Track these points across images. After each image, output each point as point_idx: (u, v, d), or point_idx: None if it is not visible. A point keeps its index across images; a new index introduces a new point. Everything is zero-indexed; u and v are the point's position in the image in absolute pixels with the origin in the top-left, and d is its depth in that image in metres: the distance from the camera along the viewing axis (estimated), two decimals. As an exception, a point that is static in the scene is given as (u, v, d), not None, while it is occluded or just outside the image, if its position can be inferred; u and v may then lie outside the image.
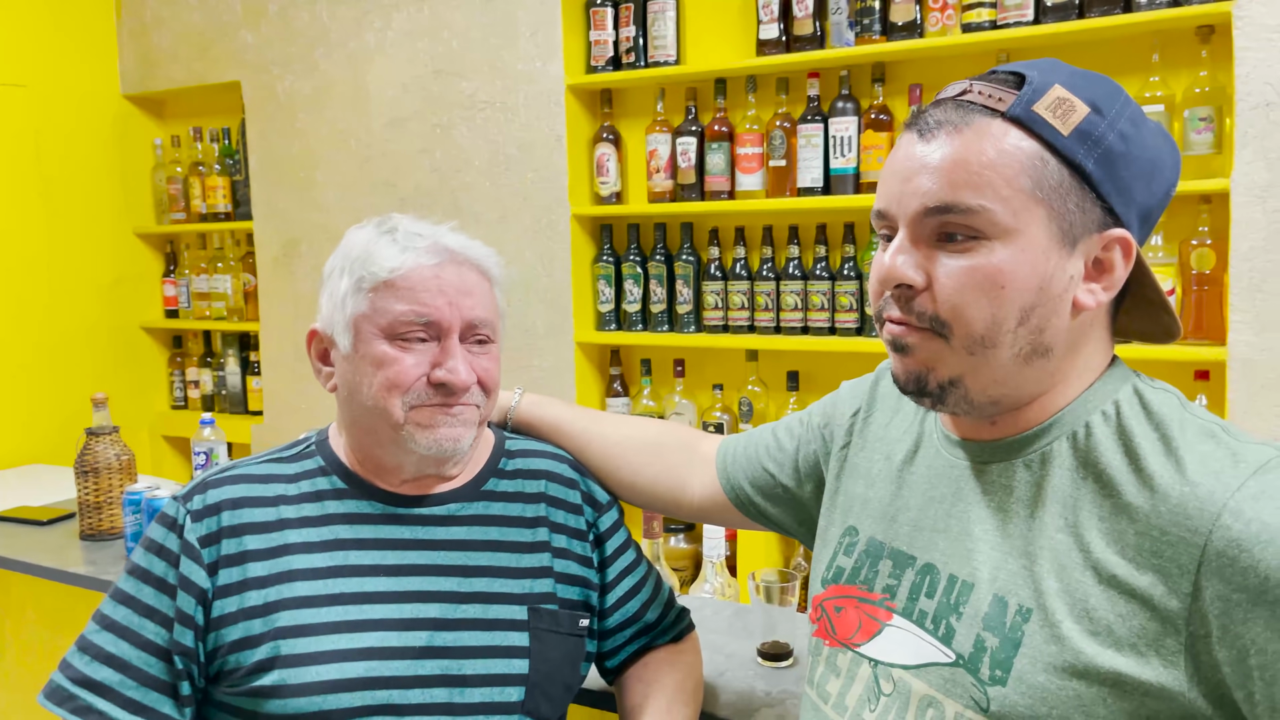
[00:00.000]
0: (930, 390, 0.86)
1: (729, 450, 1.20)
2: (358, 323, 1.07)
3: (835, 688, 0.96)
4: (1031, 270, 0.81)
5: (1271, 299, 2.06)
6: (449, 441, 1.07)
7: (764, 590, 1.42)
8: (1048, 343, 0.83)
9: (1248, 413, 2.10)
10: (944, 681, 0.85)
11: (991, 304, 0.81)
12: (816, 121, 2.55)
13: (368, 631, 1.03)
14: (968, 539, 0.88)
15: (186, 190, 3.67)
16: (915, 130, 0.85)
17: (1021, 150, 0.80)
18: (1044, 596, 0.81)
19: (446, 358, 1.06)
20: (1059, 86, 0.82)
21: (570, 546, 1.16)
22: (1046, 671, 0.79)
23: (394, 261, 1.05)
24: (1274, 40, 2.03)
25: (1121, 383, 0.87)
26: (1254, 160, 2.06)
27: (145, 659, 1.02)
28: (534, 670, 1.08)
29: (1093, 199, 0.81)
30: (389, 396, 1.05)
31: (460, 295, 1.07)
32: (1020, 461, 0.87)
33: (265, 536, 1.06)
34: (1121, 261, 0.83)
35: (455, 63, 3.00)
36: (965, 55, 2.45)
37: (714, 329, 2.75)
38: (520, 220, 2.94)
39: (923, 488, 0.95)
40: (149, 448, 3.83)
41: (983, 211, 0.80)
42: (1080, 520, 0.81)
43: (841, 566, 1.00)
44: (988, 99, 0.82)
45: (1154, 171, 0.83)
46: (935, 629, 0.87)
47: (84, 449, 2.00)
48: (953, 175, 0.81)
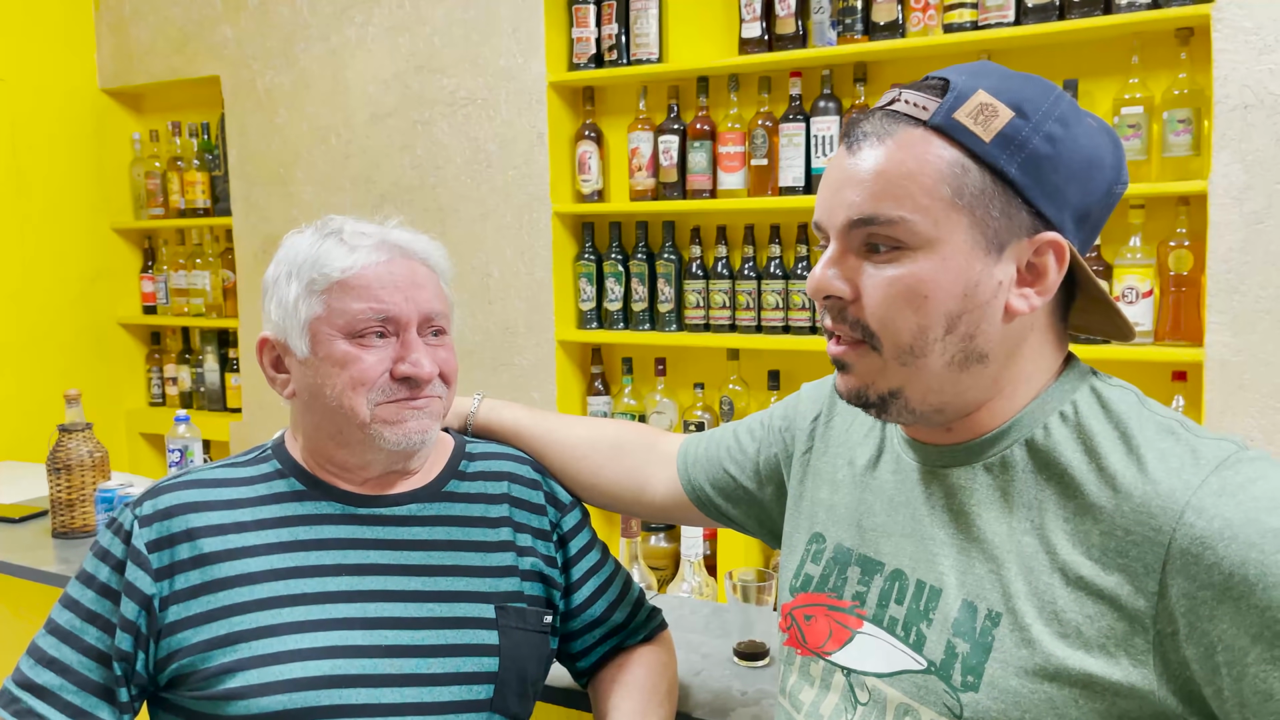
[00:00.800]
0: (872, 402, 0.87)
1: (690, 450, 1.20)
2: (314, 326, 1.06)
3: (809, 697, 0.95)
4: (955, 278, 0.81)
5: (1248, 301, 2.08)
6: (417, 434, 1.08)
7: (741, 590, 1.41)
8: (981, 349, 0.83)
9: (1224, 413, 2.11)
10: (917, 689, 0.85)
11: (916, 314, 0.81)
12: (798, 121, 2.55)
13: (331, 630, 1.03)
14: (933, 543, 0.88)
15: (165, 185, 3.64)
16: (845, 142, 0.86)
17: (942, 159, 0.80)
18: (1012, 600, 0.81)
19: (408, 351, 1.07)
20: (983, 92, 0.81)
21: (535, 546, 1.16)
22: (1018, 675, 0.79)
23: (345, 261, 1.05)
24: (1252, 43, 2.04)
25: (1079, 382, 0.87)
26: (1232, 162, 2.07)
27: (85, 664, 1.02)
28: (504, 668, 1.07)
29: (1019, 204, 0.80)
30: (354, 395, 1.05)
31: (414, 289, 1.07)
32: (981, 465, 0.87)
33: (222, 539, 1.05)
34: (1054, 265, 0.82)
35: (436, 58, 2.98)
36: (947, 55, 2.45)
37: (695, 328, 2.74)
38: (501, 218, 2.93)
39: (887, 492, 0.94)
40: (126, 445, 3.80)
41: (902, 222, 0.81)
42: (1045, 522, 0.81)
43: (810, 574, 0.99)
44: (912, 108, 0.82)
45: (1089, 171, 0.82)
46: (906, 636, 0.87)
47: (56, 445, 1.98)
48: (874, 187, 0.81)
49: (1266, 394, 2.07)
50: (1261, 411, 2.08)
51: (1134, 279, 2.23)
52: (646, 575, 1.71)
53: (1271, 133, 2.03)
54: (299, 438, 1.13)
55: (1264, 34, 2.03)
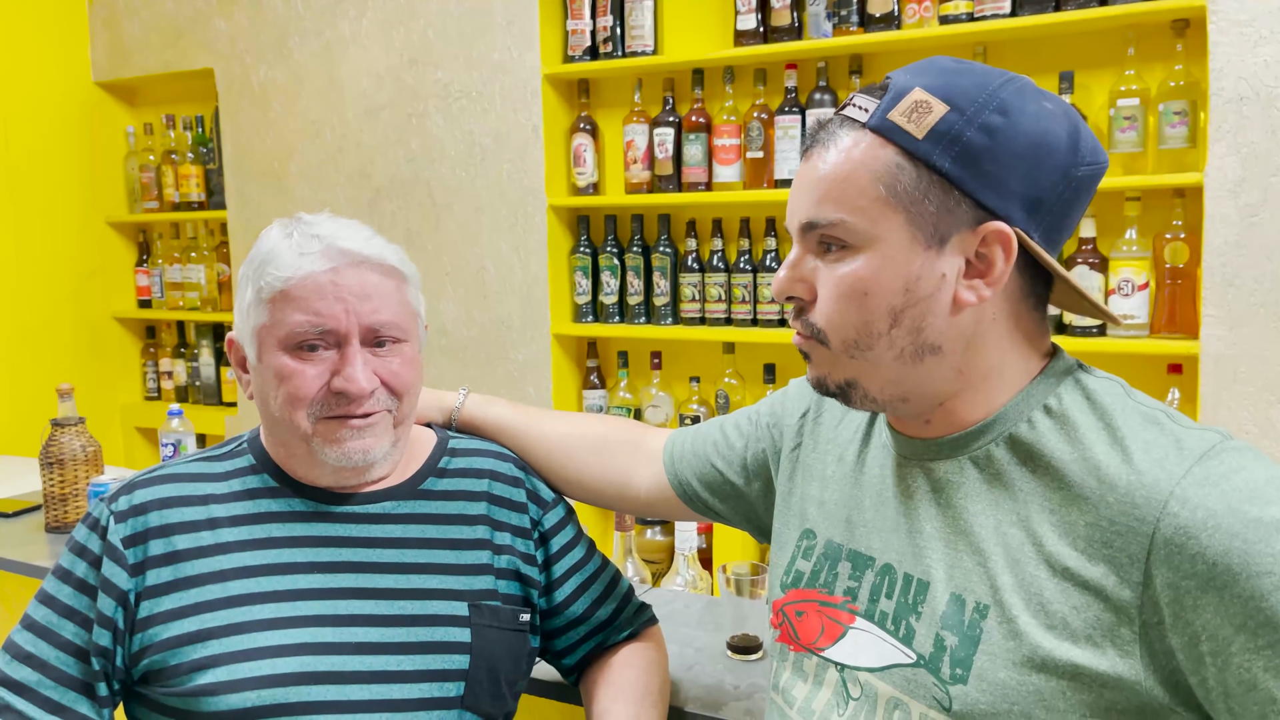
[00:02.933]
0: (832, 391, 0.90)
1: (677, 445, 1.20)
2: (260, 334, 1.05)
3: (802, 692, 0.95)
4: (894, 274, 0.82)
5: (1243, 294, 2.07)
6: (357, 454, 1.06)
7: (734, 583, 1.41)
8: (932, 341, 0.84)
9: (1218, 407, 2.11)
10: (907, 682, 0.85)
11: (859, 310, 0.84)
12: (794, 113, 2.54)
13: (303, 628, 1.02)
14: (920, 537, 0.88)
15: (159, 179, 3.63)
16: (803, 150, 0.89)
17: (877, 159, 0.82)
18: (1000, 592, 0.81)
19: (344, 365, 1.04)
20: (919, 90, 0.82)
21: (513, 544, 1.15)
22: (1006, 668, 0.79)
23: (287, 270, 1.03)
24: (1247, 35, 2.03)
25: (1064, 375, 0.87)
26: (1227, 155, 2.07)
27: (63, 659, 1.02)
28: (474, 665, 1.07)
29: (958, 196, 0.81)
30: (293, 410, 1.04)
31: (359, 300, 1.04)
32: (967, 458, 0.87)
33: (196, 536, 1.05)
34: (1001, 256, 0.82)
35: (430, 52, 2.97)
36: (942, 48, 2.45)
37: (691, 321, 2.74)
38: (496, 211, 2.92)
39: (875, 487, 0.95)
40: (122, 439, 3.79)
41: (840, 224, 0.83)
42: (1031, 514, 0.82)
43: (800, 570, 0.99)
44: (856, 111, 0.85)
45: (1035, 157, 0.81)
46: (896, 630, 0.87)
47: (49, 440, 1.97)
48: (816, 192, 0.85)
49: (1261, 387, 2.07)
50: (1256, 405, 2.08)
51: (1130, 271, 2.22)
52: (641, 569, 1.70)
53: (1266, 125, 2.03)
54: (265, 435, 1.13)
55: (1259, 26, 2.02)
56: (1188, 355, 2.17)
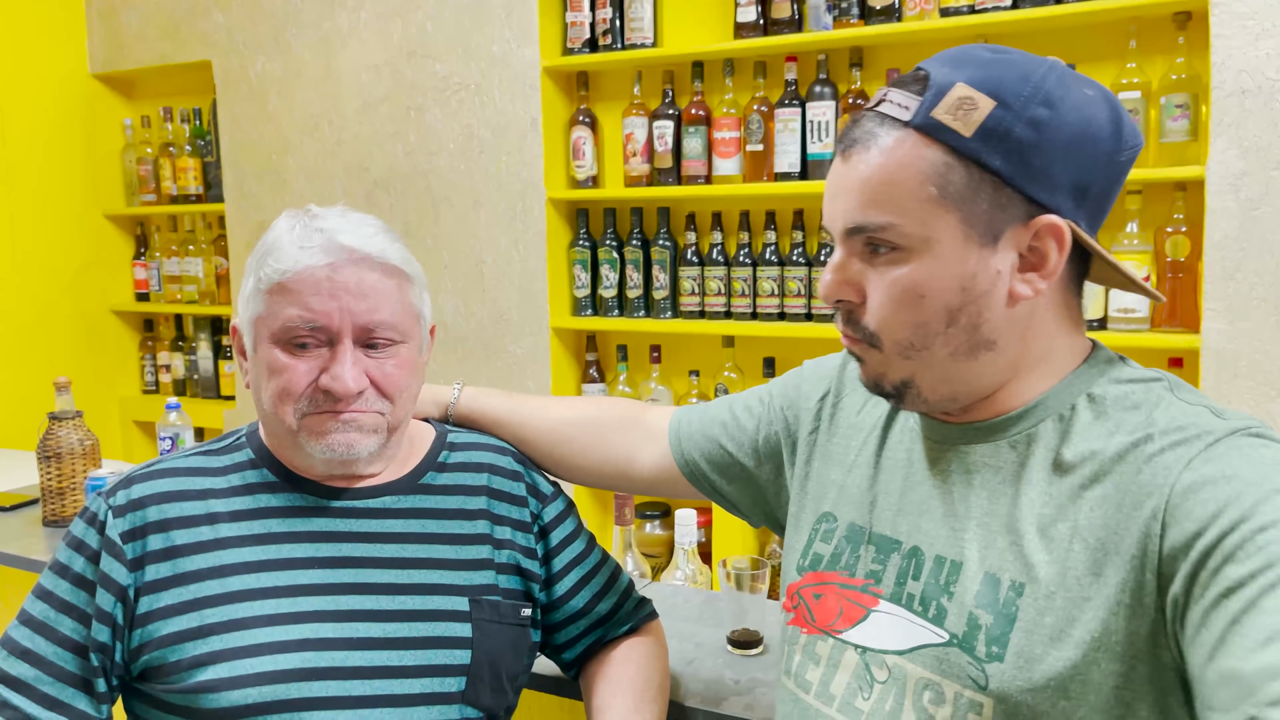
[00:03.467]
0: (889, 393, 0.90)
1: (683, 423, 1.19)
2: (256, 325, 1.04)
3: (816, 676, 0.95)
4: (950, 275, 0.82)
5: (1244, 287, 2.07)
6: (341, 448, 1.04)
7: (734, 577, 1.40)
8: (988, 337, 0.84)
9: (1219, 400, 2.08)
10: (938, 662, 0.85)
11: (914, 313, 0.83)
12: (794, 106, 2.53)
13: (303, 623, 1.02)
14: (954, 519, 0.88)
15: (157, 172, 3.62)
16: (839, 149, 0.87)
17: (925, 160, 0.81)
18: (1034, 569, 0.81)
19: (333, 364, 1.02)
20: (961, 85, 0.80)
21: (514, 538, 1.14)
22: (1043, 643, 0.80)
23: (285, 263, 1.01)
24: (1249, 28, 2.02)
25: (1106, 367, 0.87)
26: (1228, 148, 2.06)
27: (61, 654, 1.01)
28: (475, 661, 1.07)
29: (1010, 192, 0.80)
30: (281, 404, 1.03)
31: (355, 298, 1.02)
32: (1005, 442, 0.87)
33: (195, 531, 1.04)
34: (1054, 249, 0.82)
35: (428, 45, 2.96)
36: (943, 40, 2.44)
37: (690, 315, 2.73)
38: (494, 204, 2.91)
39: (903, 471, 0.94)
40: (120, 432, 3.79)
41: (891, 227, 0.82)
42: (1064, 493, 0.82)
43: (819, 553, 0.99)
44: (896, 108, 0.83)
45: (1081, 146, 0.80)
46: (925, 611, 0.87)
47: (46, 433, 1.97)
48: (862, 195, 0.83)
49: (1261, 381, 2.07)
50: (1256, 398, 2.08)
51: (1131, 265, 2.21)
52: (640, 563, 1.70)
53: (1268, 119, 2.02)
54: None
55: (1261, 19, 2.01)
56: (1188, 349, 2.16)
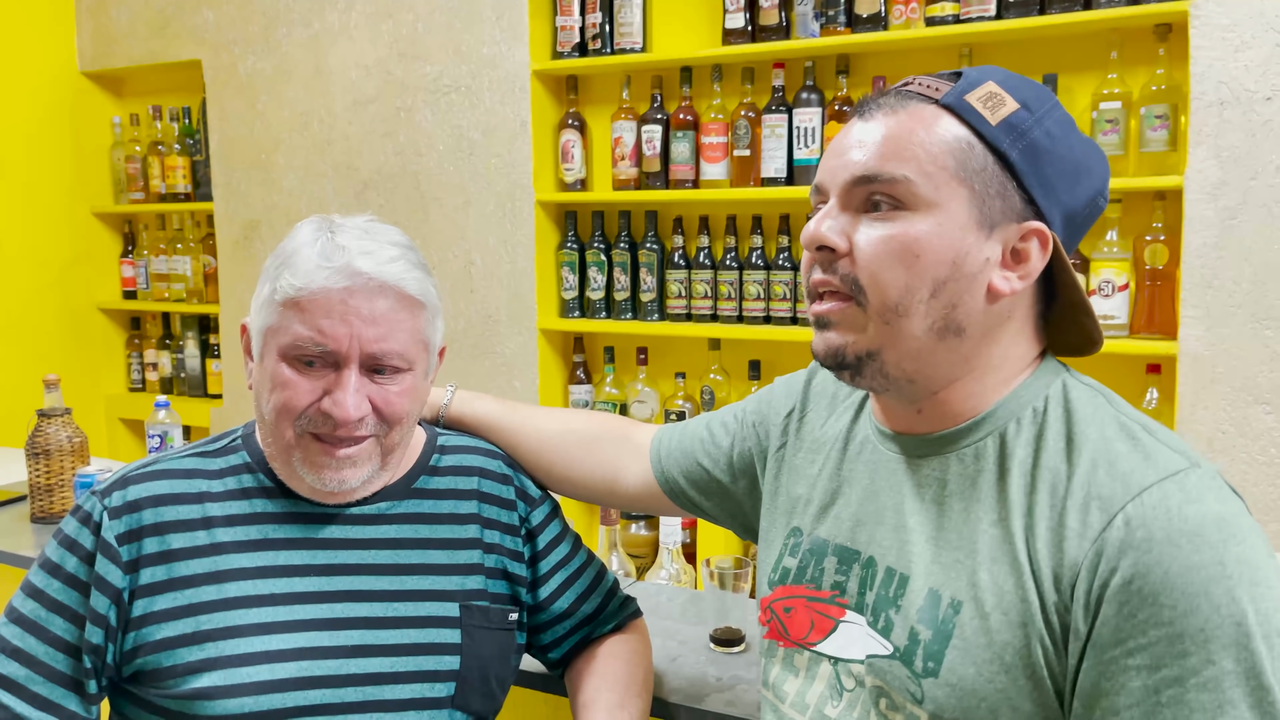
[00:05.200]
0: (849, 363, 0.88)
1: (664, 442, 1.21)
2: (265, 335, 1.03)
3: (794, 687, 0.96)
4: (947, 245, 0.83)
5: (1221, 295, 2.10)
6: (334, 483, 1.04)
7: (717, 576, 1.43)
8: (960, 321, 0.85)
9: (1196, 406, 2.14)
10: (884, 674, 0.87)
11: (906, 272, 0.84)
12: (781, 112, 2.56)
13: (299, 632, 1.02)
14: (904, 531, 0.90)
15: (145, 170, 3.62)
16: (858, 114, 0.90)
17: (950, 133, 0.85)
18: (975, 589, 0.82)
19: (336, 389, 1.01)
20: (992, 83, 0.86)
21: (502, 542, 1.15)
22: (975, 664, 0.81)
23: (302, 279, 1.00)
24: (1229, 40, 2.06)
25: (1052, 378, 0.89)
26: (1207, 158, 2.09)
27: (52, 654, 1.00)
28: (465, 666, 1.08)
29: (1014, 188, 0.84)
30: (280, 419, 1.03)
31: (365, 325, 1.01)
32: (954, 456, 0.88)
33: (191, 535, 1.04)
34: (1038, 253, 0.85)
35: (419, 45, 2.97)
36: (928, 49, 2.47)
37: (677, 318, 2.76)
38: (483, 206, 2.93)
39: (862, 483, 0.96)
40: (105, 430, 3.78)
41: (905, 182, 0.84)
42: (1009, 514, 0.83)
43: (787, 567, 1.00)
44: (925, 88, 0.88)
45: (1079, 175, 0.87)
46: (875, 621, 0.89)
47: (35, 430, 1.97)
48: (883, 149, 0.85)
49: (1238, 387, 2.10)
50: (1232, 405, 2.11)
51: (1110, 272, 2.25)
52: (625, 563, 1.72)
53: (1246, 129, 2.06)
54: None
55: (1240, 31, 2.05)
56: (1166, 355, 2.20)
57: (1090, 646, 0.76)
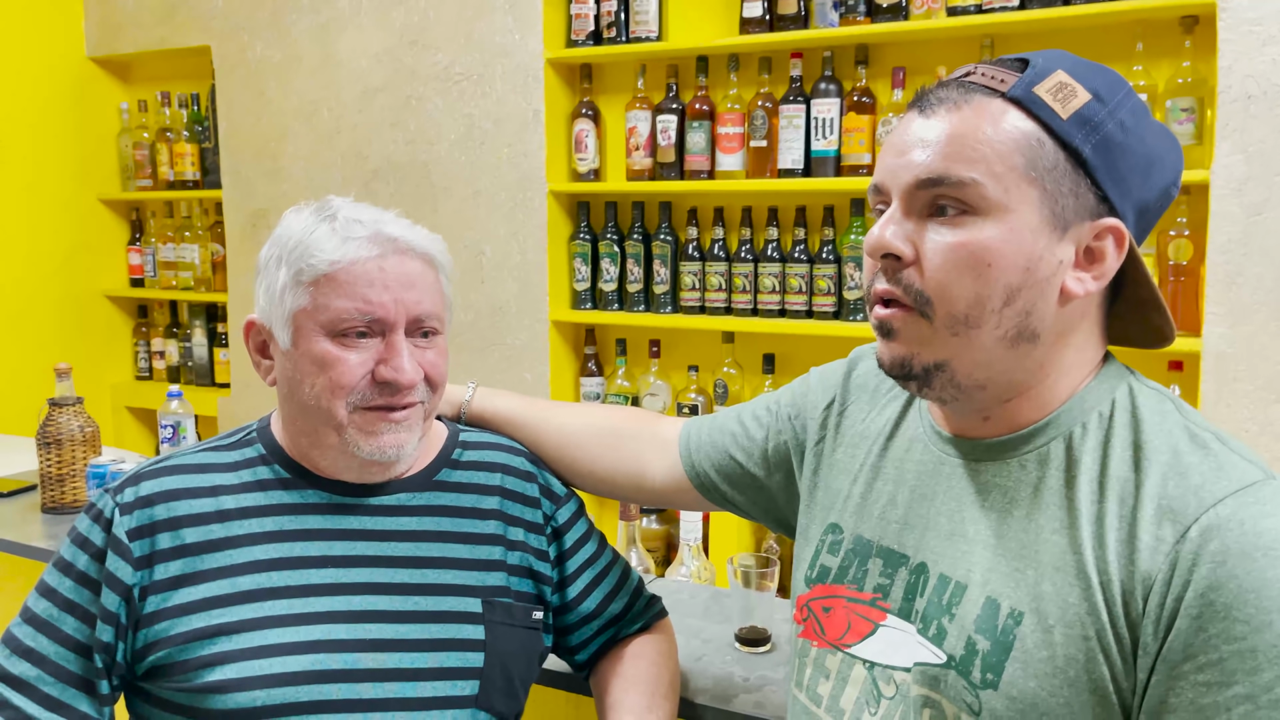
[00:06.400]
0: (915, 374, 0.85)
1: (693, 434, 1.18)
2: (298, 318, 1.02)
3: (827, 690, 0.94)
4: (1019, 250, 0.79)
5: (1245, 292, 2.08)
6: (392, 449, 1.04)
7: (742, 575, 1.40)
8: (1034, 327, 0.82)
9: (1218, 404, 2.12)
10: (936, 682, 0.84)
11: (976, 281, 0.80)
12: (799, 102, 2.53)
13: (316, 624, 1.00)
14: (961, 539, 0.87)
15: (153, 157, 3.59)
16: (917, 108, 0.85)
17: (1019, 130, 0.80)
18: (1038, 600, 0.80)
19: (392, 355, 1.02)
20: (1062, 72, 0.81)
21: (526, 540, 1.13)
22: (1037, 677, 0.78)
23: (334, 254, 1.00)
24: (1256, 33, 2.03)
25: (1118, 382, 0.86)
26: (1233, 153, 2.07)
27: (63, 654, 0.99)
28: (488, 664, 1.06)
29: (1087, 185, 0.80)
30: (332, 398, 1.01)
31: (404, 288, 1.02)
32: (1016, 461, 0.86)
33: (205, 529, 1.02)
34: (1114, 252, 0.82)
35: (429, 33, 2.94)
36: (949, 39, 2.44)
37: (690, 310, 2.73)
38: (494, 196, 2.90)
39: (911, 483, 0.93)
40: (111, 419, 3.76)
41: (974, 185, 0.79)
42: (1075, 523, 0.80)
43: (827, 565, 0.98)
44: (990, 80, 0.82)
45: (1152, 166, 0.82)
46: (926, 629, 0.86)
47: (46, 420, 1.95)
48: (947, 149, 0.80)
49: (1261, 385, 2.08)
50: (1255, 403, 2.09)
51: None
52: (645, 559, 1.70)
53: (1273, 124, 2.03)
54: (283, 427, 1.10)
55: (1268, 25, 2.02)
56: (1189, 353, 2.17)
57: (1160, 661, 0.74)
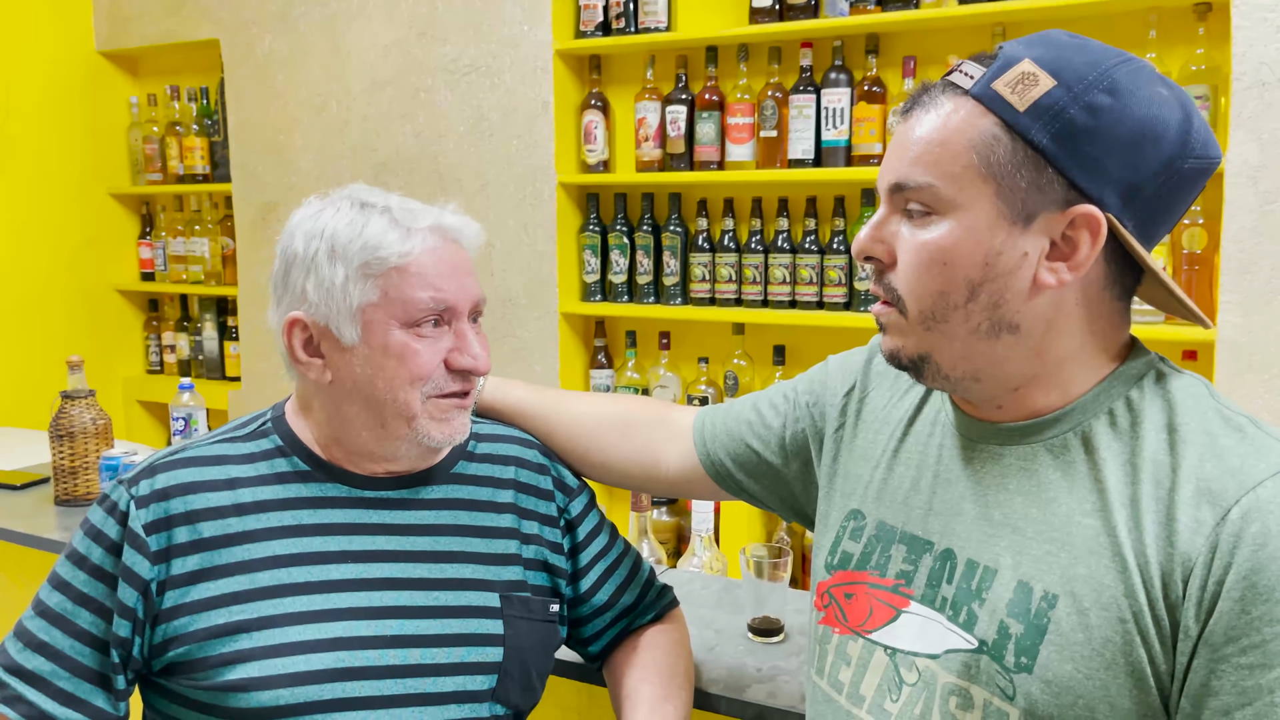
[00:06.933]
0: (906, 365, 0.89)
1: (708, 423, 1.18)
2: (367, 312, 1.01)
3: (848, 676, 0.93)
4: (975, 246, 0.81)
5: (1260, 281, 2.06)
6: (461, 432, 1.07)
7: (755, 565, 1.40)
8: (1010, 319, 0.82)
9: (1232, 393, 2.10)
10: (967, 669, 0.84)
11: (936, 279, 0.83)
12: (809, 92, 2.52)
13: (336, 621, 1.00)
14: (987, 524, 0.86)
15: (163, 150, 3.59)
16: (901, 112, 0.88)
17: (974, 128, 0.80)
18: (1072, 583, 0.80)
19: (465, 343, 1.04)
20: (1028, 61, 0.80)
21: (541, 533, 1.13)
22: (1073, 660, 0.78)
23: (402, 245, 1.00)
24: (1270, 20, 2.01)
25: (1145, 368, 0.85)
26: (1247, 141, 2.05)
27: (78, 648, 0.98)
28: (507, 658, 1.06)
29: (1052, 174, 0.79)
30: (410, 389, 1.02)
31: (465, 276, 1.05)
32: (1042, 445, 0.85)
33: (223, 523, 1.01)
34: (1087, 240, 0.80)
35: (437, 25, 2.94)
36: (960, 27, 2.43)
37: (700, 301, 2.73)
38: (503, 188, 2.90)
39: (934, 469, 0.93)
40: (123, 412, 3.77)
41: (928, 188, 0.82)
42: (1108, 506, 0.80)
43: (849, 552, 0.97)
44: (962, 77, 0.83)
45: (1140, 142, 0.78)
46: (955, 615, 0.86)
47: (59, 412, 1.96)
48: (910, 153, 0.84)
49: (1276, 374, 2.07)
50: (1270, 391, 2.08)
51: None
52: (656, 549, 1.70)
53: (1288, 111, 2.01)
54: (313, 419, 1.08)
55: (1284, 10, 2.00)
56: (1203, 341, 2.16)
57: (1202, 644, 0.74)
